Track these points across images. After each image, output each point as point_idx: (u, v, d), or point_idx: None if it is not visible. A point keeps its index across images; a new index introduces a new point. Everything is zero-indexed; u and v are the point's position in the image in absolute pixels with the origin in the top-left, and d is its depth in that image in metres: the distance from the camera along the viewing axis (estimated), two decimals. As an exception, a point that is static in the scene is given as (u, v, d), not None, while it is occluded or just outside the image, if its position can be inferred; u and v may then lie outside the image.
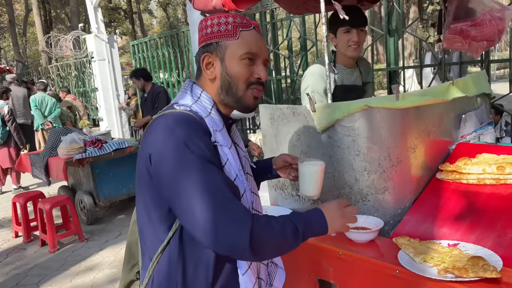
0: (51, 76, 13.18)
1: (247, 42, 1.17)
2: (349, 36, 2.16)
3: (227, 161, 1.13)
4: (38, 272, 3.85)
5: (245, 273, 1.15)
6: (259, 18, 5.62)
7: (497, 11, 2.39)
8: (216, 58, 1.17)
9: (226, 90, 1.18)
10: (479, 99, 2.16)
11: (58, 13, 23.48)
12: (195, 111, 1.14)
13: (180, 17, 32.71)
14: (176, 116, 1.10)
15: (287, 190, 1.94)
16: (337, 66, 2.28)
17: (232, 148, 1.17)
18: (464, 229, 1.46)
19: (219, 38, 1.16)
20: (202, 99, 1.18)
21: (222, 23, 1.16)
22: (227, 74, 1.17)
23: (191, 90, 1.20)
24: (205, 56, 1.17)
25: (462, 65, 3.56)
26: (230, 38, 1.16)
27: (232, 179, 1.14)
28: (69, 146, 4.55)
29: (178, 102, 1.18)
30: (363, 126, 1.61)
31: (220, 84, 1.18)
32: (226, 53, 1.16)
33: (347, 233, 1.55)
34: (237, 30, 1.16)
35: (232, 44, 1.16)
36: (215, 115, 1.17)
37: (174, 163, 1.03)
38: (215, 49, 1.16)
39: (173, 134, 1.05)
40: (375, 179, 1.62)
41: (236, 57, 1.16)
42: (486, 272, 1.16)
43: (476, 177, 1.66)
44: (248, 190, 1.19)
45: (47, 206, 4.23)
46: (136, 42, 9.30)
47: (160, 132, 1.07)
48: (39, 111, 7.68)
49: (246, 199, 1.18)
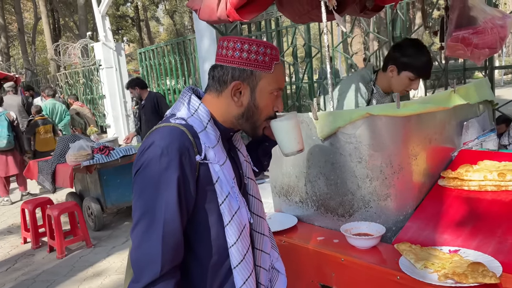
0: (59, 84, 13.34)
1: (279, 77, 1.20)
2: (412, 83, 2.16)
3: (218, 178, 1.14)
4: (46, 278, 3.89)
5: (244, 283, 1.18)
6: (265, 25, 5.67)
7: (499, 19, 2.40)
8: (247, 87, 1.17)
9: (247, 118, 1.20)
10: (482, 106, 2.18)
11: (66, 22, 23.80)
12: (190, 125, 1.14)
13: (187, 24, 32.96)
14: (166, 131, 1.11)
15: (291, 197, 1.96)
16: (375, 86, 2.31)
17: (227, 163, 1.17)
18: (465, 236, 1.48)
19: (256, 67, 1.15)
20: (199, 112, 1.17)
21: (260, 52, 1.15)
22: (254, 105, 1.18)
23: (188, 102, 1.18)
24: (236, 84, 1.16)
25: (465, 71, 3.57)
26: (266, 70, 1.16)
27: (224, 196, 1.15)
28: (77, 153, 4.61)
29: (175, 114, 1.18)
30: (365, 134, 1.64)
31: (244, 111, 1.19)
32: (259, 84, 1.17)
33: (349, 240, 1.57)
34: (272, 63, 1.17)
35: (267, 77, 1.17)
36: (211, 130, 1.15)
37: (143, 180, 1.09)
38: (248, 77, 1.16)
39: (154, 149, 1.08)
40: (377, 186, 1.65)
41: (267, 91, 1.18)
42: (485, 278, 1.18)
43: (478, 184, 1.67)
44: (243, 207, 1.20)
45: (55, 212, 4.28)
46: (143, 50, 9.42)
47: (146, 147, 1.10)
48: None
49: (241, 216, 1.18)
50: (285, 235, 1.77)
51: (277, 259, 1.41)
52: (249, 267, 1.18)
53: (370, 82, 2.31)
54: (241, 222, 1.18)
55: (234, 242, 1.15)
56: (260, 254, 1.31)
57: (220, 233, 1.16)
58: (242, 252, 1.17)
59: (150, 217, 1.07)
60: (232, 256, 1.16)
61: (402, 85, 2.19)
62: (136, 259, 1.08)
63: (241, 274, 1.17)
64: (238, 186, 1.23)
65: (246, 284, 1.17)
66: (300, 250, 1.69)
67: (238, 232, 1.16)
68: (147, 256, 1.06)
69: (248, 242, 1.20)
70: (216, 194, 1.14)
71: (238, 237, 1.16)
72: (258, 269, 1.30)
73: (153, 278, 1.05)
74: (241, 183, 1.28)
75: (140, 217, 1.08)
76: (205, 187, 1.13)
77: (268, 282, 1.35)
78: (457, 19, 2.42)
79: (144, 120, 5.57)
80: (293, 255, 1.71)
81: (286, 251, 1.71)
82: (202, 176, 1.12)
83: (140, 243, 1.07)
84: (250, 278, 1.18)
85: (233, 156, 1.28)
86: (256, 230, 1.30)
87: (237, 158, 1.29)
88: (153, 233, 1.06)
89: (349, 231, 1.60)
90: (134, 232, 1.09)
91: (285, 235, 1.77)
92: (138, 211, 1.08)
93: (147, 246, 1.06)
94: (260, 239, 1.32)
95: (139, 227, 1.08)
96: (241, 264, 1.16)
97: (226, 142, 1.26)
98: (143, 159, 1.09)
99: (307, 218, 1.90)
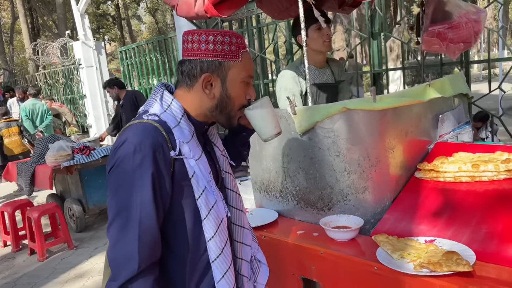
0: (38, 84, 13.09)
1: (247, 65, 1.20)
2: (322, 32, 2.30)
3: (194, 173, 1.14)
4: (27, 280, 3.83)
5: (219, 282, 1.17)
6: (246, 23, 5.66)
7: (473, 13, 2.46)
8: (217, 78, 1.17)
9: (221, 110, 1.20)
10: (457, 99, 2.22)
11: (45, 20, 23.33)
12: (164, 121, 1.13)
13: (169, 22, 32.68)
14: (139, 128, 1.10)
15: (271, 192, 1.97)
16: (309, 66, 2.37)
17: (202, 158, 1.17)
18: (441, 226, 1.51)
19: (223, 58, 1.15)
20: (172, 107, 1.16)
21: (226, 42, 1.15)
22: (227, 96, 1.18)
23: (161, 97, 1.17)
24: (206, 76, 1.15)
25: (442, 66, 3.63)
26: (234, 59, 1.17)
27: (200, 191, 1.14)
28: (57, 153, 4.53)
29: (148, 110, 1.17)
30: (342, 128, 1.66)
31: (217, 103, 1.19)
32: (229, 74, 1.17)
33: (328, 232, 1.59)
34: (239, 51, 1.17)
35: (235, 66, 1.17)
36: (185, 125, 1.15)
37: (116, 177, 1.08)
38: (217, 68, 1.16)
39: (127, 146, 1.07)
40: (355, 179, 1.67)
41: (237, 80, 1.18)
42: (459, 266, 1.20)
43: (453, 175, 1.71)
44: (220, 201, 1.19)
45: (35, 214, 4.21)
46: (124, 49, 9.30)
47: (119, 145, 1.09)
48: (29, 121, 7.20)
49: (218, 209, 1.18)
50: (266, 230, 1.78)
51: (258, 250, 1.42)
52: (227, 261, 1.18)
53: (300, 65, 2.38)
54: (218, 216, 1.18)
55: (212, 236, 1.15)
56: (241, 247, 1.32)
57: (197, 228, 1.16)
58: (220, 246, 1.17)
59: (126, 215, 1.06)
60: (210, 250, 1.16)
61: (318, 41, 2.32)
62: (113, 257, 1.07)
63: (219, 268, 1.17)
64: (215, 181, 1.22)
65: (225, 278, 1.17)
66: (281, 244, 1.70)
67: (216, 226, 1.16)
68: (124, 253, 1.05)
69: (226, 236, 1.20)
70: (193, 189, 1.14)
71: (215, 231, 1.16)
72: (240, 261, 1.30)
73: (131, 275, 1.04)
74: (218, 177, 1.28)
75: (115, 216, 1.07)
76: (181, 182, 1.13)
77: (250, 273, 1.36)
78: (432, 14, 2.46)
79: (124, 120, 5.52)
80: (274, 249, 1.71)
81: (267, 246, 1.71)
82: (177, 171, 1.12)
83: (117, 242, 1.06)
84: (229, 272, 1.19)
85: (209, 151, 1.28)
86: (236, 223, 1.31)
87: (213, 153, 1.29)
88: (129, 231, 1.05)
89: (328, 224, 1.62)
90: (110, 230, 1.08)
91: (266, 230, 1.78)
92: (113, 210, 1.08)
93: (123, 244, 1.05)
94: (240, 232, 1.32)
95: (114, 225, 1.07)
96: (219, 258, 1.16)
97: (201, 136, 1.25)
98: (116, 157, 1.08)
99: (288, 213, 1.91)
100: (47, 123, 7.50)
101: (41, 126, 7.37)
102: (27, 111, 7.21)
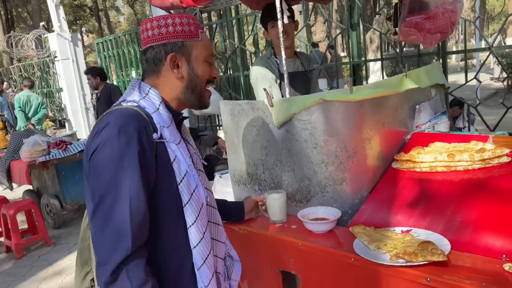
0: (13, 77, 12.73)
1: (208, 44, 1.23)
2: (276, 29, 2.31)
3: (176, 157, 1.14)
4: (3, 279, 3.74)
5: (200, 268, 1.16)
6: (224, 13, 5.60)
7: (450, 3, 2.47)
8: (182, 58, 1.19)
9: (192, 89, 1.21)
10: (433, 90, 2.24)
11: (19, 12, 22.65)
12: (143, 107, 1.14)
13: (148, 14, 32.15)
14: (120, 112, 1.10)
15: (250, 185, 1.95)
16: (278, 58, 2.52)
17: (182, 144, 1.18)
18: (417, 216, 1.51)
19: (185, 38, 1.18)
20: (150, 95, 1.17)
21: (184, 23, 1.17)
22: (194, 74, 1.20)
23: (139, 87, 1.19)
24: (172, 56, 1.17)
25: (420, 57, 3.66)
26: (194, 38, 1.19)
27: (182, 175, 1.14)
28: (32, 148, 4.42)
29: (126, 99, 1.17)
30: (319, 120, 1.64)
31: (187, 83, 1.21)
32: (192, 53, 1.19)
33: (306, 224, 1.58)
34: (198, 31, 1.20)
35: (197, 45, 1.20)
36: (163, 111, 1.16)
37: (102, 158, 1.04)
38: (180, 49, 1.18)
39: (111, 129, 1.05)
40: (332, 171, 1.66)
41: (201, 58, 1.21)
42: (434, 256, 1.21)
43: (429, 165, 1.72)
44: (200, 185, 1.19)
45: (11, 211, 4.10)
46: (101, 40, 9.09)
47: (100, 129, 1.07)
48: (22, 113, 7.04)
49: (198, 194, 1.18)
50: (244, 223, 1.76)
51: (231, 247, 1.43)
52: (208, 246, 1.18)
53: (271, 56, 2.55)
54: (199, 200, 1.18)
55: (194, 221, 1.15)
56: (216, 244, 1.30)
57: (179, 214, 1.14)
58: (201, 231, 1.16)
59: (114, 196, 1.02)
60: (191, 235, 1.15)
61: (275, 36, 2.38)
62: (103, 240, 1.02)
63: (201, 253, 1.16)
64: None
65: (206, 263, 1.17)
66: (259, 237, 1.69)
67: (197, 211, 1.16)
68: (116, 233, 1.01)
69: (206, 220, 1.21)
70: (174, 174, 1.13)
71: (197, 215, 1.16)
72: (215, 259, 1.28)
73: (125, 255, 1.00)
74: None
75: (102, 197, 1.03)
76: (163, 166, 1.12)
77: (224, 270, 1.36)
78: (410, 4, 2.46)
79: (100, 113, 5.44)
80: (252, 243, 1.70)
81: (245, 239, 1.70)
82: (160, 155, 1.11)
83: (106, 223, 1.01)
84: (209, 257, 1.18)
85: (186, 144, 1.26)
86: (211, 221, 1.29)
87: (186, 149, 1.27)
88: (119, 209, 1.01)
89: (306, 216, 1.61)
90: (95, 214, 1.03)
91: (244, 223, 1.76)
92: (99, 192, 1.03)
93: (114, 225, 1.01)
94: (215, 229, 1.31)
95: (102, 207, 1.02)
96: (200, 243, 1.16)
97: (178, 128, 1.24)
98: (98, 140, 1.05)
99: (266, 206, 1.89)
100: (40, 116, 7.37)
101: (34, 119, 7.23)
102: (20, 102, 7.08)
